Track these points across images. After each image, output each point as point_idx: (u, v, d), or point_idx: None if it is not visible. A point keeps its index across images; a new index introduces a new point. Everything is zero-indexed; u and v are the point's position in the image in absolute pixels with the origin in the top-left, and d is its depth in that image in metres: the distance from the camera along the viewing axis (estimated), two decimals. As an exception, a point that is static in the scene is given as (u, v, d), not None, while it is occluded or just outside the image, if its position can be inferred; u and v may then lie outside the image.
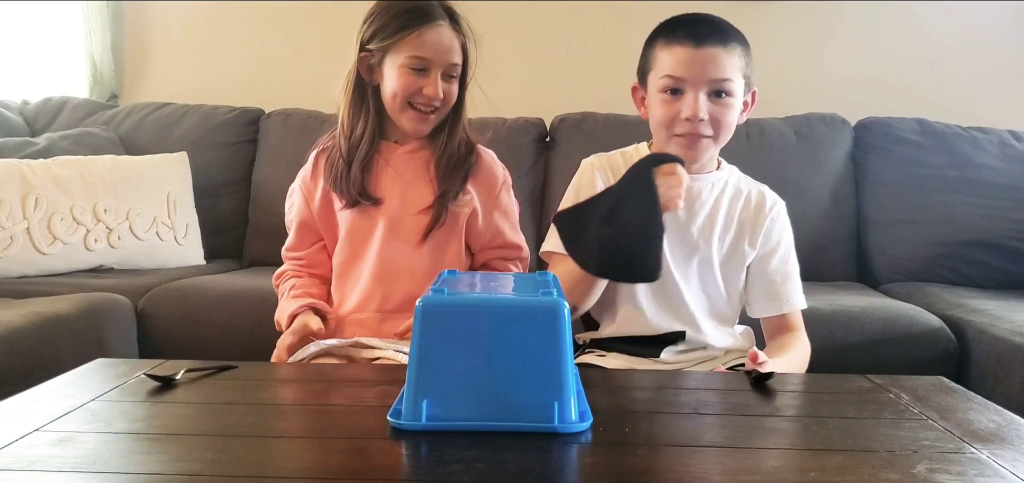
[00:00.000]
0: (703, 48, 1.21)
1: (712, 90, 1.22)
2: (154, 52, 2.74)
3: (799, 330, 1.31)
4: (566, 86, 2.56)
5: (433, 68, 1.29)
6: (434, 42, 1.29)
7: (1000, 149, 2.22)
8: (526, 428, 0.76)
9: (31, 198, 1.95)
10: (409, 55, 1.28)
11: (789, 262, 1.32)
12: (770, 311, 1.31)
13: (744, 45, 1.26)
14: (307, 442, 0.79)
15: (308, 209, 1.40)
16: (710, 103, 1.22)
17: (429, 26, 1.28)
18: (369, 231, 1.35)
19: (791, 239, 1.34)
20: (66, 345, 1.53)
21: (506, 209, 1.43)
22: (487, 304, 0.80)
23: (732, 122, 1.25)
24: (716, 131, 1.24)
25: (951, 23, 2.50)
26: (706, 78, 1.21)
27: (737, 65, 1.23)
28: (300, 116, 2.43)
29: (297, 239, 1.42)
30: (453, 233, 1.37)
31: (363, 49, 1.32)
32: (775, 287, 1.30)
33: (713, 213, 1.30)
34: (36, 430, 0.76)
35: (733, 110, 1.24)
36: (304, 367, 1.22)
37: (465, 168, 1.37)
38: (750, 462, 0.73)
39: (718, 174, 1.33)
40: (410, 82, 1.29)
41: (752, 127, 2.29)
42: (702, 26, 1.24)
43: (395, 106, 1.32)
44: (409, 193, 1.36)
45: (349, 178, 1.33)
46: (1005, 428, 0.82)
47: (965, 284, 2.08)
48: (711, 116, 1.22)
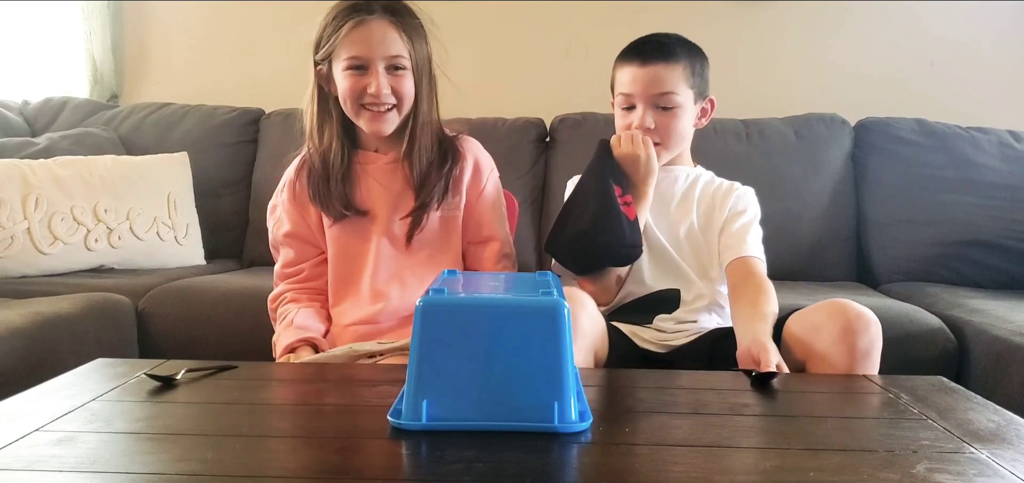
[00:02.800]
0: (647, 66, 1.39)
1: (656, 103, 1.39)
2: (154, 52, 2.74)
3: (761, 278, 1.35)
4: (566, 86, 2.56)
5: (372, 64, 1.27)
6: (366, 37, 1.26)
7: (1000, 149, 2.22)
8: (526, 428, 0.76)
9: (32, 198, 1.95)
10: (347, 55, 1.27)
11: (752, 225, 1.43)
12: (730, 255, 1.39)
13: (692, 59, 1.41)
14: (307, 442, 0.79)
15: (304, 223, 1.37)
16: (656, 114, 1.40)
17: (360, 22, 1.26)
18: (363, 245, 1.34)
19: (757, 213, 1.46)
20: (67, 345, 1.53)
21: (490, 200, 1.41)
22: (487, 304, 0.80)
23: (680, 129, 1.42)
24: (664, 138, 1.41)
25: (951, 23, 2.50)
26: (649, 93, 1.39)
27: (680, 78, 1.39)
28: (300, 116, 2.40)
29: (295, 253, 1.39)
30: (447, 238, 1.37)
31: (317, 63, 1.32)
32: (735, 237, 1.41)
33: (689, 191, 1.47)
34: (37, 430, 0.76)
35: (678, 119, 1.41)
36: (304, 367, 1.22)
37: (446, 167, 1.35)
38: (749, 462, 0.73)
39: (692, 168, 1.50)
40: (354, 83, 1.27)
41: (752, 127, 2.29)
42: (648, 46, 1.41)
43: (351, 110, 1.31)
44: (398, 202, 1.35)
45: (330, 192, 1.32)
46: (1005, 428, 0.82)
47: (965, 284, 2.08)
48: (658, 125, 1.40)
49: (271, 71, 2.67)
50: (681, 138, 1.44)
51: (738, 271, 1.37)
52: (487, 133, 1.99)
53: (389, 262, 1.34)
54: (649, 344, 1.34)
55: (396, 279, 1.34)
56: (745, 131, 2.28)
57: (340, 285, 1.36)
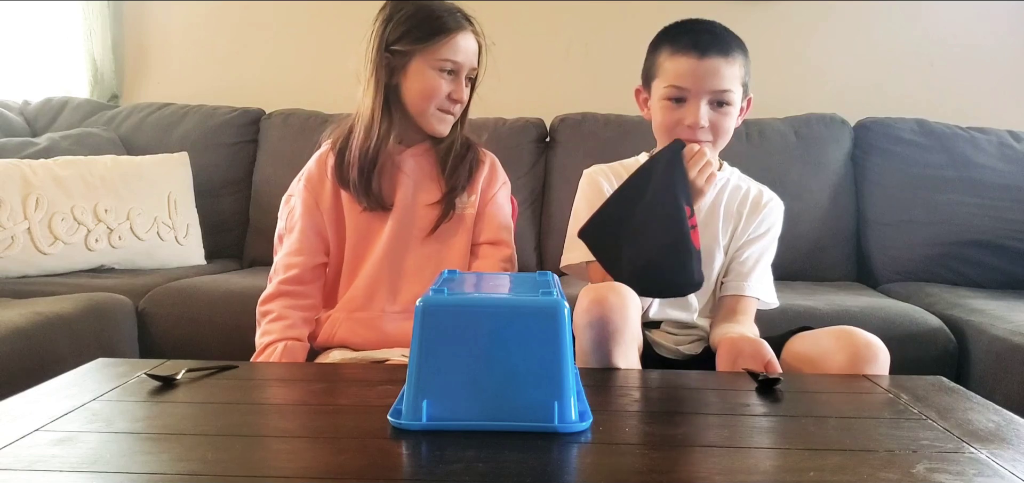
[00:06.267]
0: (706, 59, 1.26)
1: (713, 100, 1.28)
2: (154, 52, 2.74)
3: (748, 318, 1.31)
4: (566, 86, 2.56)
5: (461, 71, 1.35)
6: (466, 47, 1.34)
7: (999, 149, 2.22)
8: (526, 428, 0.76)
9: (32, 198, 1.95)
10: (444, 58, 1.33)
11: (766, 253, 1.36)
12: (729, 289, 1.33)
13: (744, 53, 1.31)
14: (307, 442, 0.79)
15: (318, 209, 1.37)
16: (711, 111, 1.28)
17: (463, 32, 1.34)
18: (376, 231, 1.36)
19: (777, 234, 1.38)
20: (67, 345, 1.53)
21: (499, 205, 1.45)
22: (487, 304, 0.80)
23: (730, 129, 1.31)
24: (715, 137, 1.30)
25: (951, 23, 2.50)
26: (708, 88, 1.27)
27: (737, 75, 1.29)
28: (300, 116, 2.43)
29: (300, 242, 1.36)
30: (459, 233, 1.38)
31: (388, 49, 1.33)
32: (743, 267, 1.33)
33: (714, 208, 1.36)
34: (37, 430, 0.76)
35: (731, 117, 1.30)
36: (304, 367, 1.22)
37: (469, 162, 1.41)
38: (749, 462, 0.73)
39: (720, 175, 1.36)
40: (441, 84, 1.33)
41: (752, 127, 2.29)
42: (706, 36, 1.28)
43: (421, 106, 1.35)
44: (417, 193, 1.38)
45: (367, 182, 1.34)
46: (1004, 428, 0.82)
47: (964, 284, 2.08)
48: (711, 124, 1.28)
49: (271, 71, 2.68)
50: (729, 137, 1.32)
51: (729, 307, 1.32)
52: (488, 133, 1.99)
53: (400, 251, 1.35)
54: (663, 350, 1.33)
55: (404, 268, 1.35)
56: (745, 131, 2.28)
57: (348, 268, 1.37)
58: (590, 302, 1.07)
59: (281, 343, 1.28)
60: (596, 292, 1.08)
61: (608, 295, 1.07)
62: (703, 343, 1.35)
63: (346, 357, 1.30)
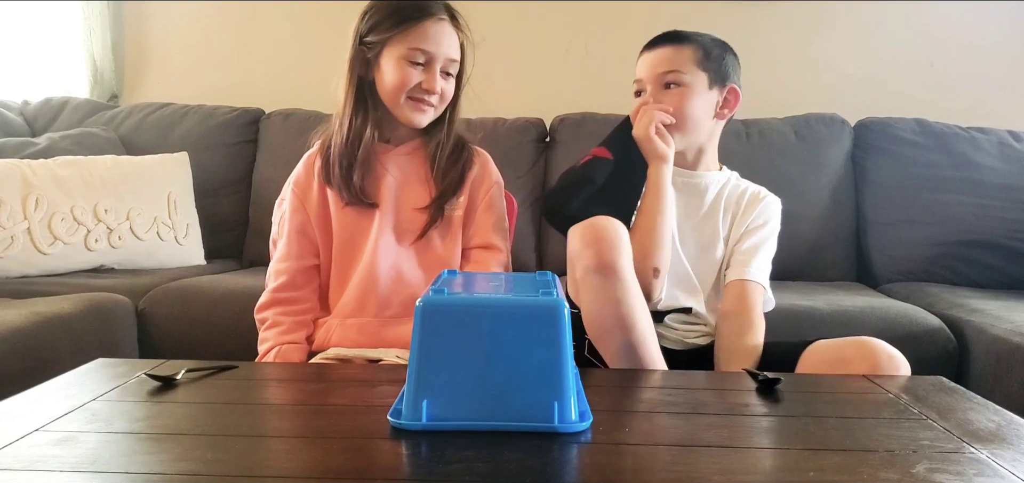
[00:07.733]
0: (655, 51, 1.38)
1: (662, 83, 1.37)
2: (154, 52, 2.74)
3: (754, 310, 1.33)
4: (566, 86, 2.56)
5: (433, 62, 1.31)
6: (435, 36, 1.30)
7: (999, 149, 2.22)
8: (526, 428, 0.76)
9: (32, 198, 1.95)
10: (410, 47, 1.29)
11: (766, 243, 1.39)
12: (732, 276, 1.37)
13: (706, 44, 1.37)
14: (307, 442, 0.79)
15: (305, 211, 1.37)
16: (664, 94, 1.36)
17: (431, 20, 1.30)
18: (364, 231, 1.35)
19: (776, 230, 1.42)
20: (67, 345, 1.53)
21: (492, 208, 1.43)
22: (487, 304, 0.80)
23: (690, 112, 1.36)
24: (678, 123, 1.35)
25: (951, 23, 2.50)
26: (655, 74, 1.37)
27: (687, 58, 1.35)
28: (300, 116, 2.43)
29: (292, 247, 1.36)
30: (448, 236, 1.37)
31: (361, 42, 1.32)
32: (744, 255, 1.37)
33: (715, 204, 1.41)
34: (37, 430, 0.76)
35: (687, 99, 1.35)
36: (304, 367, 1.22)
37: (461, 164, 1.38)
38: (749, 462, 0.73)
39: (719, 174, 1.44)
40: (409, 75, 1.30)
41: (752, 127, 2.29)
42: (661, 36, 1.39)
43: (392, 99, 1.33)
44: (405, 194, 1.36)
45: (347, 176, 1.33)
46: (1004, 428, 0.82)
47: (964, 284, 2.08)
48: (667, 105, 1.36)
49: (271, 71, 2.68)
50: (694, 123, 1.36)
51: (734, 294, 1.34)
52: (487, 133, 1.99)
53: (389, 254, 1.34)
54: (668, 342, 1.34)
55: (394, 271, 1.34)
56: (745, 131, 2.28)
57: (338, 273, 1.36)
58: (582, 230, 1.16)
59: (275, 348, 1.29)
60: (581, 227, 1.17)
61: (594, 222, 1.16)
62: (710, 336, 1.36)
63: (340, 353, 1.29)
